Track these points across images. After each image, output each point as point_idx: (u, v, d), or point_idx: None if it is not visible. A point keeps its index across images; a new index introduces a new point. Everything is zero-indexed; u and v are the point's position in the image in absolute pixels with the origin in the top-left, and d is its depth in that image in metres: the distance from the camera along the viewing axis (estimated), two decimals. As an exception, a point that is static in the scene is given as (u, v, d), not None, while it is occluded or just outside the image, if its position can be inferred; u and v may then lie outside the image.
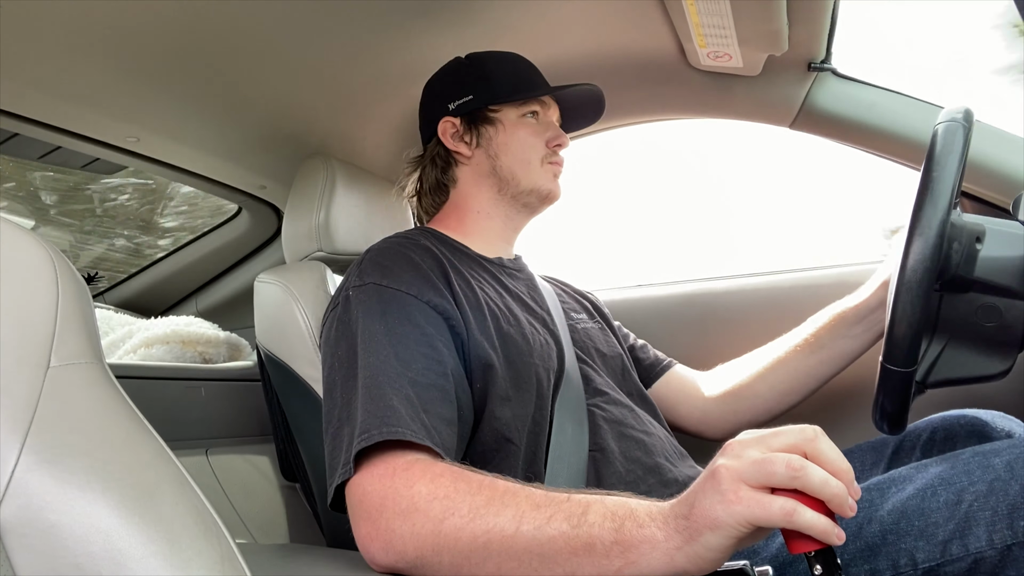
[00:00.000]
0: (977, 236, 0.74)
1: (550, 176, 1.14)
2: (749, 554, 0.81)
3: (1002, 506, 0.70)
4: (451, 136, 1.16)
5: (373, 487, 0.74)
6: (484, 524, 0.67)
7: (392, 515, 0.71)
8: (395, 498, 0.71)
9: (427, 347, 0.88)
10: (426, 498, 0.70)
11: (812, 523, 0.56)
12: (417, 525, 0.69)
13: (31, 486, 0.46)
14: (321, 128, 1.44)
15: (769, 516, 0.57)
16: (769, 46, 1.22)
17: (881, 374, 0.79)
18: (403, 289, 0.92)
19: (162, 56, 1.12)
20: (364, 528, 0.73)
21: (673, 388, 1.25)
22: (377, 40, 1.23)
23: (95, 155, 1.37)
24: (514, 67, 1.18)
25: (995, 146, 1.24)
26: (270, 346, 1.14)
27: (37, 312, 0.52)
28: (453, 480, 0.71)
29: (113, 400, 0.53)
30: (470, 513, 0.68)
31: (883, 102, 1.32)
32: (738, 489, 0.58)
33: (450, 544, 0.68)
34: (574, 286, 1.33)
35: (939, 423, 1.03)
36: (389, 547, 0.71)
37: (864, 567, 0.74)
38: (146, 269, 1.96)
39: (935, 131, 0.77)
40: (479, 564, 0.67)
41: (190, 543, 0.48)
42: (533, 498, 0.67)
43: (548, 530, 0.64)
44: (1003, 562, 0.69)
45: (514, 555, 0.65)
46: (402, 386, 0.81)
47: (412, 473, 0.73)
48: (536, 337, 1.01)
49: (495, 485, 0.70)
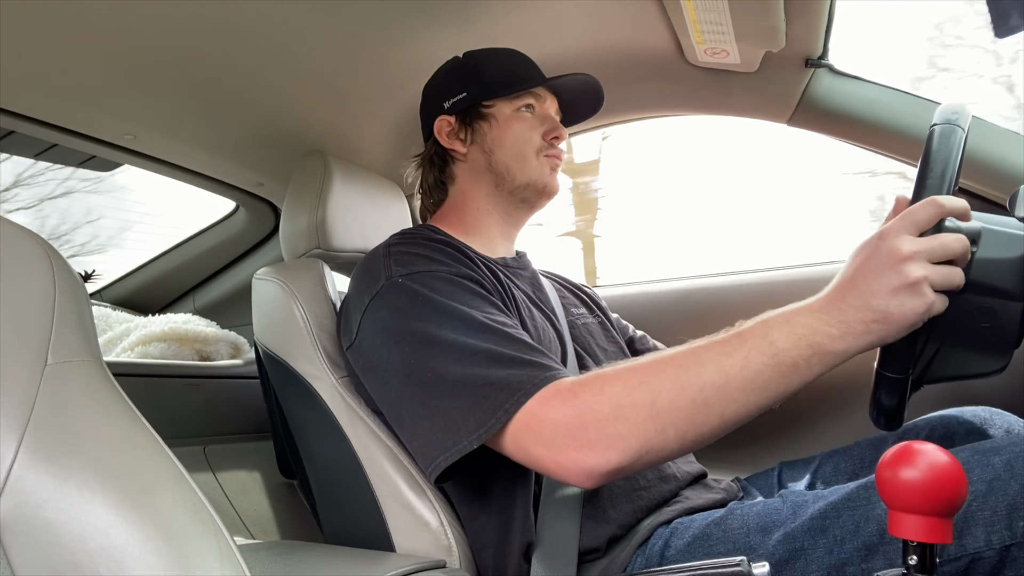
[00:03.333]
0: (972, 238, 0.74)
1: (547, 169, 1.14)
2: (745, 551, 0.81)
3: (1001, 506, 0.69)
4: (447, 134, 1.16)
5: (558, 412, 0.75)
6: (694, 387, 0.72)
7: (599, 423, 0.73)
8: (592, 409, 0.74)
9: (502, 312, 0.92)
10: (624, 393, 0.73)
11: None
12: (631, 418, 0.73)
13: (28, 484, 0.46)
14: (319, 125, 1.44)
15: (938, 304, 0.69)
16: (766, 42, 1.22)
17: (877, 376, 0.79)
18: (453, 273, 0.94)
19: (159, 54, 1.12)
20: (569, 452, 0.74)
21: None
22: (375, 38, 1.22)
23: (92, 153, 1.37)
24: (508, 62, 1.17)
25: (992, 141, 1.25)
26: (268, 343, 1.14)
27: (34, 309, 0.52)
28: (631, 370, 0.75)
29: (110, 398, 0.53)
30: (675, 384, 0.72)
31: (880, 98, 1.32)
32: (923, 284, 0.68)
33: (671, 418, 0.72)
34: (572, 280, 1.33)
35: (937, 421, 1.03)
36: (610, 451, 0.73)
37: (862, 566, 0.74)
38: (143, 267, 1.95)
39: (930, 132, 0.77)
40: (703, 421, 0.72)
41: (188, 540, 0.48)
42: (716, 349, 0.73)
43: (752, 367, 0.71)
44: (1001, 562, 0.69)
45: (732, 399, 0.71)
46: (514, 339, 0.85)
47: (586, 384, 0.76)
48: (546, 332, 1.02)
49: (670, 356, 0.75)
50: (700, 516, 0.90)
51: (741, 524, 0.83)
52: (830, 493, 0.81)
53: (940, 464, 0.55)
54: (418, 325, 0.87)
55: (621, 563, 0.88)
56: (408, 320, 0.88)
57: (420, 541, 0.94)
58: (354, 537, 1.03)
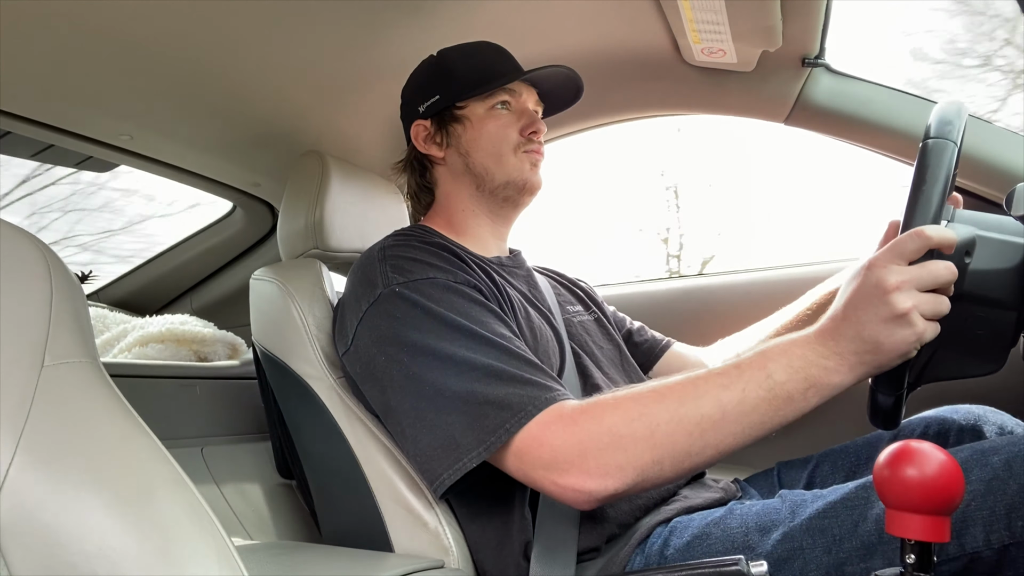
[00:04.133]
0: (967, 249, 0.74)
1: (526, 166, 1.11)
2: (744, 550, 0.81)
3: (1000, 506, 0.69)
4: (423, 139, 1.15)
5: (558, 439, 0.78)
6: (691, 421, 0.74)
7: (598, 452, 0.76)
8: (591, 438, 0.76)
9: (501, 321, 0.92)
10: (623, 424, 0.76)
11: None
12: (630, 449, 0.75)
13: (25, 485, 0.46)
14: (315, 125, 1.44)
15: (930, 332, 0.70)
16: (763, 42, 1.22)
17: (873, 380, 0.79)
18: (451, 279, 0.94)
19: (155, 54, 1.11)
20: (568, 478, 0.77)
21: (674, 367, 1.25)
22: (370, 37, 1.22)
23: (88, 153, 1.36)
24: (480, 59, 1.14)
25: (989, 141, 1.25)
26: (266, 344, 1.14)
27: (30, 311, 0.52)
28: (631, 400, 0.77)
29: (108, 399, 0.53)
30: (673, 416, 0.75)
31: (877, 97, 1.32)
32: (912, 314, 0.69)
33: (668, 450, 0.75)
34: (567, 275, 1.32)
35: (933, 418, 1.03)
36: (607, 479, 0.76)
37: (860, 566, 0.74)
38: (140, 268, 1.95)
39: (922, 149, 0.76)
40: (699, 452, 0.75)
41: (186, 541, 0.48)
42: (714, 381, 0.75)
43: (749, 401, 0.73)
44: (1000, 562, 0.68)
45: (728, 432, 0.74)
46: (516, 355, 0.86)
47: (587, 412, 0.78)
48: (544, 332, 1.02)
49: (670, 386, 0.77)
50: (699, 515, 0.90)
51: (740, 523, 0.83)
52: (829, 493, 0.81)
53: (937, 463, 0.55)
54: (416, 336, 0.88)
55: (620, 562, 0.88)
56: (407, 331, 0.89)
57: (419, 541, 0.94)
58: (352, 537, 1.03)
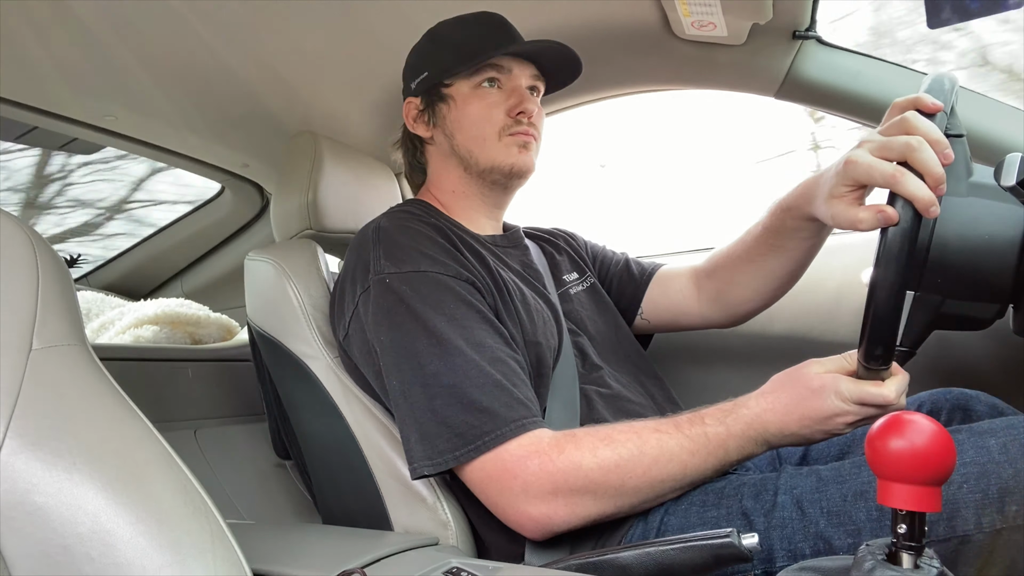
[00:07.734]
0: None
1: (512, 150, 1.06)
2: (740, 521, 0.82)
3: (993, 489, 0.68)
4: (413, 118, 1.12)
5: (532, 474, 0.82)
6: (657, 479, 0.82)
7: (569, 492, 0.82)
8: (567, 480, 0.81)
9: (488, 324, 0.92)
10: (600, 474, 0.81)
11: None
12: (599, 495, 0.82)
13: (17, 469, 0.46)
14: (303, 105, 1.42)
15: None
16: (753, 14, 1.21)
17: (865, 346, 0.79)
18: (442, 272, 0.93)
19: (138, 33, 1.10)
20: (532, 510, 0.82)
21: (669, 289, 1.23)
22: (356, 13, 1.20)
23: (73, 135, 1.35)
24: (471, 30, 1.07)
25: (979, 112, 1.24)
26: (262, 324, 1.14)
27: (18, 295, 0.51)
28: (610, 448, 0.82)
29: (98, 382, 0.52)
30: (644, 473, 0.82)
31: (868, 70, 1.31)
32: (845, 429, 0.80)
33: (630, 499, 0.83)
34: (551, 230, 1.30)
35: (926, 398, 1.03)
36: (572, 517, 0.83)
37: (847, 541, 0.74)
38: (129, 251, 1.94)
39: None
40: (654, 499, 0.84)
41: (179, 522, 0.48)
42: (685, 447, 0.83)
43: (707, 467, 0.83)
44: (992, 546, 0.68)
45: (684, 485, 0.85)
46: (490, 371, 0.86)
47: (565, 451, 0.82)
48: (541, 313, 1.02)
49: (647, 446, 0.82)
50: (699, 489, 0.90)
51: (736, 493, 0.84)
52: (823, 468, 0.81)
53: (928, 433, 0.55)
54: (395, 335, 0.90)
55: (620, 533, 0.89)
56: (388, 328, 0.91)
57: (418, 517, 0.95)
58: (351, 515, 1.04)
